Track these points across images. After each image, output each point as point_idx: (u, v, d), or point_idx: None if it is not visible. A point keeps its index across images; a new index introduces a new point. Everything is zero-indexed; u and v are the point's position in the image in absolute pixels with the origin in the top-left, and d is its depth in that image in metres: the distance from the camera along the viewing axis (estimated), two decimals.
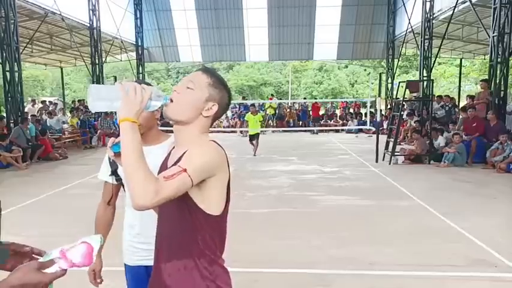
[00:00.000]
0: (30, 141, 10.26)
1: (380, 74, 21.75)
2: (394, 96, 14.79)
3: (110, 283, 2.48)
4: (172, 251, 1.38)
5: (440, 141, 9.74)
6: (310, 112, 20.21)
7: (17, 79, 10.43)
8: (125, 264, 1.95)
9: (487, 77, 10.95)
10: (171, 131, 1.53)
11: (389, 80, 19.88)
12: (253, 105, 12.59)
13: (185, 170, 1.21)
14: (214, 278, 1.42)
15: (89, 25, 15.47)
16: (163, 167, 1.42)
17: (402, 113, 10.97)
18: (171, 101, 1.34)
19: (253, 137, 10.99)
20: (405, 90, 10.33)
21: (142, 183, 1.15)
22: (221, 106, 1.41)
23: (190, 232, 1.37)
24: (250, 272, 3.56)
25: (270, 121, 19.48)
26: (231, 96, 1.47)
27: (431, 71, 15.00)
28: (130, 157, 1.17)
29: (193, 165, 1.24)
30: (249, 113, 11.52)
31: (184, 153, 1.31)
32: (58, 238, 4.46)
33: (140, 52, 20.61)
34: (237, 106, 21.45)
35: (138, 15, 20.01)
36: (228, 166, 1.39)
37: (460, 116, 10.64)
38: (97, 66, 15.97)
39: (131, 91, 1.21)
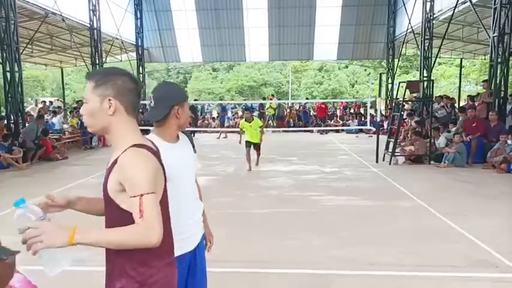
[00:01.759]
0: (37, 139, 10.46)
1: (380, 74, 21.75)
2: (394, 97, 14.79)
3: None
4: (109, 252, 1.43)
5: (441, 141, 9.74)
6: (311, 112, 20.24)
7: (17, 79, 10.42)
8: None
9: (487, 77, 10.95)
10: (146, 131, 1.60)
11: (390, 80, 19.88)
12: (247, 109, 9.42)
13: (141, 195, 1.28)
14: (143, 279, 1.38)
15: (89, 25, 15.47)
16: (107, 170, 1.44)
17: (402, 113, 10.96)
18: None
19: (251, 143, 8.79)
20: (405, 91, 10.33)
21: (136, 239, 1.27)
22: (121, 93, 1.40)
23: None
24: (250, 272, 3.56)
25: (270, 121, 19.49)
26: (128, 74, 1.45)
27: (431, 71, 14.99)
28: (111, 245, 1.30)
29: (143, 185, 1.29)
30: (243, 120, 9.19)
31: (116, 160, 1.37)
32: None
33: (140, 52, 20.61)
34: (237, 106, 21.42)
35: (139, 16, 20.01)
36: (163, 167, 1.44)
37: (460, 118, 10.62)
38: (97, 66, 15.95)
39: (41, 246, 1.25)
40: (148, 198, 1.28)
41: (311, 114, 21.36)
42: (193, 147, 2.05)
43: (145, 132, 1.95)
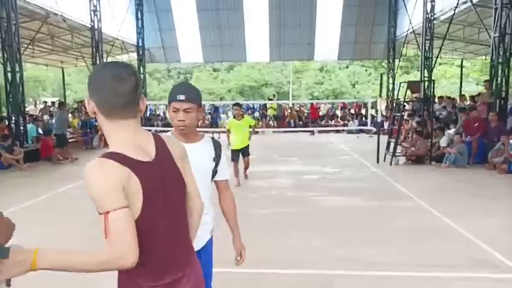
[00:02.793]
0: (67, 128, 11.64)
1: (381, 74, 21.74)
2: (395, 97, 14.78)
3: (113, 284, 2.48)
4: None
5: (442, 141, 9.73)
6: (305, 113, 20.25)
7: (18, 80, 10.44)
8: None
9: (488, 77, 10.94)
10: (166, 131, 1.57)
11: (391, 81, 19.86)
12: (237, 104, 7.52)
13: (107, 213, 1.13)
14: None
15: (90, 26, 15.49)
16: None
17: (403, 113, 10.96)
18: None
19: (239, 153, 7.29)
20: (406, 91, 10.32)
21: (105, 261, 1.13)
22: (96, 92, 1.26)
23: None
24: (251, 273, 3.56)
25: (271, 121, 19.49)
26: (110, 68, 1.28)
27: (432, 72, 14.98)
28: (77, 268, 1.16)
29: (107, 200, 1.14)
30: (232, 117, 7.61)
31: None
32: (59, 238, 4.47)
33: (141, 53, 20.63)
34: None
35: (139, 16, 20.02)
36: (132, 180, 1.21)
37: (460, 117, 10.61)
38: None
39: None
40: (115, 215, 1.12)
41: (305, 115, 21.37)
42: (218, 155, 2.05)
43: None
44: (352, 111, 21.26)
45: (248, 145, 7.40)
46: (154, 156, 1.31)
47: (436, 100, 13.54)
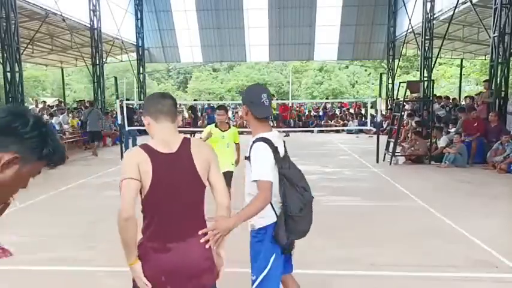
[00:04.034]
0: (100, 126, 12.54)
1: (381, 74, 21.75)
2: (395, 97, 14.78)
3: (114, 283, 2.48)
4: None
5: (441, 141, 9.74)
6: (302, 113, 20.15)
7: (17, 79, 10.43)
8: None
9: (488, 77, 10.94)
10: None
11: (390, 81, 19.88)
12: (222, 107, 5.18)
13: (122, 180, 1.72)
14: (139, 252, 1.77)
15: (89, 26, 15.49)
16: None
17: (403, 113, 10.96)
18: None
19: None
20: (406, 91, 10.33)
21: (119, 211, 1.69)
22: (151, 106, 1.90)
23: None
24: (250, 273, 3.55)
25: (270, 122, 19.45)
26: (156, 95, 1.96)
27: (431, 72, 14.99)
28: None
29: (122, 173, 1.74)
30: (213, 125, 5.18)
31: None
32: (59, 238, 4.46)
33: (141, 53, 20.64)
34: (238, 106, 21.38)
35: (139, 16, 20.03)
36: (146, 163, 1.75)
37: (460, 117, 10.62)
38: (97, 66, 15.98)
39: None
40: (125, 182, 1.71)
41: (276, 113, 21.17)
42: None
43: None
44: (352, 111, 21.29)
45: (232, 171, 5.05)
46: (174, 151, 1.82)
47: (436, 100, 13.54)
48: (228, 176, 4.75)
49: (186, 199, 1.81)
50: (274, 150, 2.15)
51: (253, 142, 2.20)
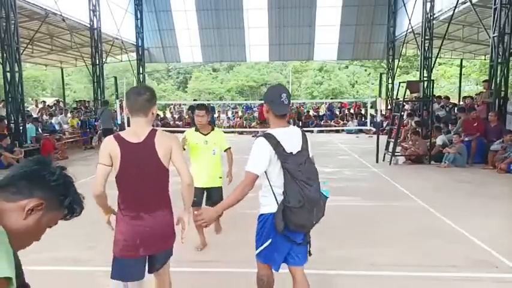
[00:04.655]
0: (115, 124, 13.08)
1: (380, 74, 21.75)
2: (395, 97, 14.78)
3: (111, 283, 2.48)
4: None
5: (438, 140, 9.74)
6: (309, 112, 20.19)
7: (17, 79, 10.42)
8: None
9: (487, 77, 10.94)
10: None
11: (390, 81, 19.88)
12: (202, 106, 4.01)
13: (98, 164, 2.26)
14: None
15: (89, 26, 15.48)
16: None
17: (402, 113, 10.96)
18: None
19: (203, 192, 4.09)
20: (405, 91, 10.33)
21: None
22: (127, 100, 2.38)
23: None
24: (250, 273, 3.55)
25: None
26: (132, 90, 2.42)
27: (431, 72, 14.98)
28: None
29: (99, 159, 2.26)
30: (192, 129, 4.17)
31: None
32: (59, 238, 4.46)
33: (140, 53, 20.63)
34: (238, 106, 21.37)
35: (139, 16, 20.02)
36: (115, 149, 2.23)
37: (460, 117, 10.62)
38: (97, 66, 15.97)
39: None
40: (99, 165, 2.25)
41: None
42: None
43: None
44: (352, 111, 21.30)
45: (220, 187, 4.09)
46: (141, 141, 2.23)
47: (435, 100, 13.54)
48: (215, 194, 4.01)
49: (151, 180, 2.25)
50: (276, 144, 2.31)
51: (257, 137, 2.43)
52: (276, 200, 2.39)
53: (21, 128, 10.57)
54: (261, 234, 2.49)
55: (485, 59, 20.53)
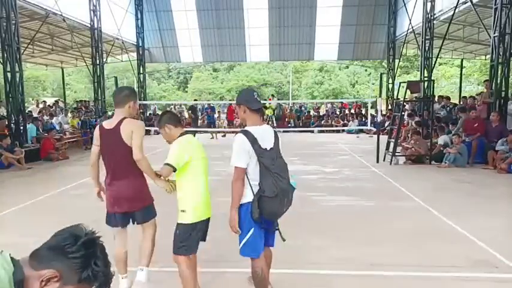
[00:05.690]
0: None
1: (381, 74, 21.75)
2: (395, 97, 14.78)
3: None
4: None
5: (439, 139, 9.73)
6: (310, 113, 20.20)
7: (18, 80, 10.44)
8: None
9: (488, 77, 10.93)
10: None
11: (390, 81, 19.88)
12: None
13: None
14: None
15: (89, 26, 15.48)
16: None
17: (403, 113, 10.96)
18: None
19: (204, 230, 2.96)
20: (406, 91, 10.33)
21: None
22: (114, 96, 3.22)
23: None
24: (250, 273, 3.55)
25: (270, 122, 19.50)
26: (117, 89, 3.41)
27: (432, 72, 14.98)
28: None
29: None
30: (185, 137, 3.07)
31: None
32: None
33: (141, 52, 20.63)
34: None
35: (139, 16, 20.03)
36: (98, 134, 3.09)
37: (461, 117, 10.62)
38: (98, 66, 15.99)
39: None
40: (92, 146, 3.15)
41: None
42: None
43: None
44: (352, 111, 21.31)
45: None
46: (112, 127, 2.99)
47: (436, 100, 13.54)
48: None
49: (118, 156, 3.00)
50: (252, 140, 2.57)
51: (237, 134, 2.71)
52: (253, 190, 2.62)
53: (21, 128, 10.58)
54: (242, 223, 2.69)
55: (485, 59, 20.52)
